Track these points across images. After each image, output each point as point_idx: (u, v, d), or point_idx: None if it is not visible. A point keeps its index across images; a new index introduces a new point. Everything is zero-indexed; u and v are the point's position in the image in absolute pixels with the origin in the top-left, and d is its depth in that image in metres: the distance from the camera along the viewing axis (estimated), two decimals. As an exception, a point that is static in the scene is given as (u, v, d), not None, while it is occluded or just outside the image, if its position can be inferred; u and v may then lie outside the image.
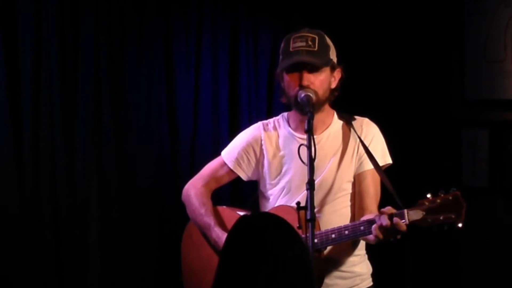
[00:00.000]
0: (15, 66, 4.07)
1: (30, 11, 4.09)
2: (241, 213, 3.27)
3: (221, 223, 3.33)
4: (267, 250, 2.16)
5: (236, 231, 2.25)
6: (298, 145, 3.09)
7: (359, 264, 3.33)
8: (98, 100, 4.28)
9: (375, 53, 5.00)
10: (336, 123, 3.34)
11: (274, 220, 2.26)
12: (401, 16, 5.04)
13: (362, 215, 3.22)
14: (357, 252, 3.32)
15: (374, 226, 3.04)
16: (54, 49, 4.15)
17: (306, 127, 3.03)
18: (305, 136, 3.04)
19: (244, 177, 3.42)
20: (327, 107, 3.32)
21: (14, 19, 4.07)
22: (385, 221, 3.00)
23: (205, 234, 3.33)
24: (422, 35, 5.05)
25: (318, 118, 3.22)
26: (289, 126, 3.36)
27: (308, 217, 2.87)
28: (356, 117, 3.36)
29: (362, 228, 3.10)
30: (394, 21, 5.04)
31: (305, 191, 2.93)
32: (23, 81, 4.08)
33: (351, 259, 3.30)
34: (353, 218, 3.28)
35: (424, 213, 3.03)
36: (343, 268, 3.29)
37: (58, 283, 4.16)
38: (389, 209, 3.04)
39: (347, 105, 3.42)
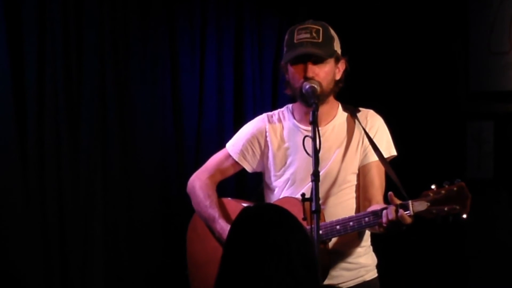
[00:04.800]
0: (20, 61, 4.07)
1: (34, 9, 4.09)
2: (246, 205, 3.27)
3: (226, 215, 3.33)
4: (271, 242, 2.16)
5: (240, 223, 2.26)
6: (303, 136, 3.08)
7: (364, 255, 3.33)
8: (103, 95, 4.29)
9: (380, 45, 5.00)
10: (341, 115, 3.34)
11: (278, 212, 2.26)
12: (406, 8, 5.03)
13: (368, 206, 3.22)
14: (362, 243, 3.32)
15: (379, 218, 3.04)
16: (58, 46, 4.15)
17: (311, 118, 3.03)
18: (309, 128, 3.03)
19: (249, 169, 3.42)
20: (331, 99, 3.32)
21: (19, 16, 4.06)
22: (390, 213, 3.00)
23: (209, 226, 3.34)
24: (427, 28, 5.04)
25: (322, 110, 3.23)
26: (294, 118, 3.36)
27: (313, 208, 2.87)
28: (361, 109, 3.37)
29: (366, 219, 3.10)
30: (398, 13, 5.04)
31: (310, 183, 2.93)
32: (28, 78, 4.08)
33: (356, 251, 3.31)
34: (357, 210, 3.28)
35: (428, 204, 3.02)
36: (348, 259, 3.29)
37: (62, 278, 4.16)
38: (392, 196, 3.04)
39: (352, 97, 3.42)
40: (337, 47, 3.27)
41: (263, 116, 3.43)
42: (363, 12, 5.01)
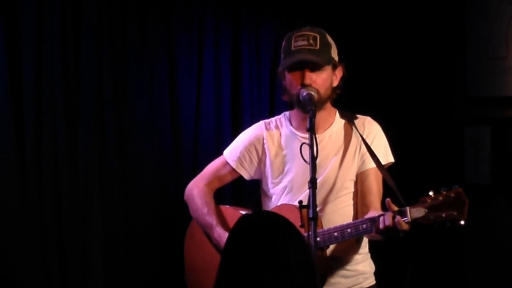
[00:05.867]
0: (17, 65, 4.08)
1: (32, 12, 4.09)
2: (244, 212, 3.26)
3: (223, 223, 3.33)
4: (269, 249, 2.16)
5: (238, 230, 2.26)
6: (300, 144, 3.09)
7: (362, 262, 3.33)
8: (101, 100, 4.29)
9: (377, 51, 5.00)
10: (338, 122, 3.34)
11: (276, 219, 2.26)
12: (403, 13, 5.03)
13: (366, 213, 3.22)
14: (360, 250, 3.32)
15: (376, 225, 3.04)
16: (56, 50, 4.15)
17: (308, 125, 3.03)
18: (307, 135, 3.03)
19: (246, 176, 3.42)
20: (329, 105, 3.32)
21: (17, 19, 4.08)
22: (387, 220, 3.00)
23: (207, 233, 3.34)
24: (424, 33, 5.04)
25: (320, 116, 3.22)
26: (291, 125, 3.36)
27: (311, 215, 2.87)
28: (358, 115, 3.37)
29: (364, 226, 3.10)
30: (396, 18, 5.04)
31: (308, 190, 2.92)
32: (25, 82, 4.09)
33: (354, 258, 3.30)
34: (355, 217, 3.28)
35: (426, 210, 3.03)
36: (346, 266, 3.29)
37: (61, 282, 4.17)
38: (390, 203, 3.04)
39: (349, 103, 3.42)
40: (334, 54, 3.27)
41: (261, 123, 3.43)
42: (360, 17, 5.01)
